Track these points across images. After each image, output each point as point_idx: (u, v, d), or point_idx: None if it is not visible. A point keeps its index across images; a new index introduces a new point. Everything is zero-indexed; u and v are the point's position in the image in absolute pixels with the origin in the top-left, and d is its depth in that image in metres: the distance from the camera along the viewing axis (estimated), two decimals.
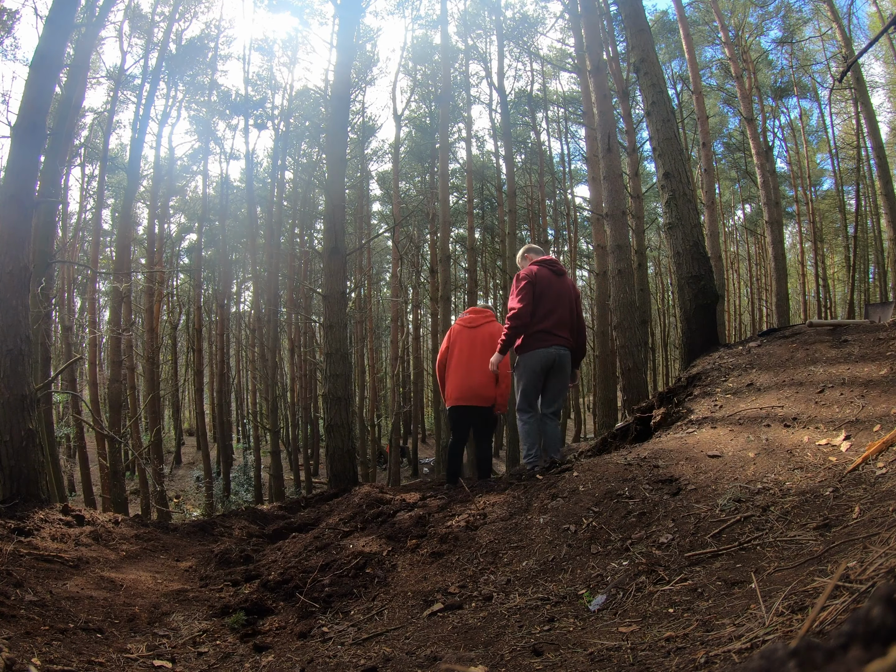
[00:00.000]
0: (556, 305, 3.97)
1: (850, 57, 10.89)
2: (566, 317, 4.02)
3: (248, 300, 26.28)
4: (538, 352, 3.92)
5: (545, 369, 3.96)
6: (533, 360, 3.93)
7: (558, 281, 4.05)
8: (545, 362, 3.93)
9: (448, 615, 2.13)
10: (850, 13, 15.14)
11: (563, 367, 4.01)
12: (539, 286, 3.95)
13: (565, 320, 4.01)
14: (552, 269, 4.08)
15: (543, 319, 3.93)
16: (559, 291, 4.01)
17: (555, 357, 3.93)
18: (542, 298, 3.94)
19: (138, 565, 3.29)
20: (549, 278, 4.01)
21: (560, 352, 3.95)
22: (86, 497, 13.60)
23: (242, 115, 16.73)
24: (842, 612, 1.25)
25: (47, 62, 4.52)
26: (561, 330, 3.97)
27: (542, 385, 4.04)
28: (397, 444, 18.71)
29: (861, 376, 3.23)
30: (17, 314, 4.11)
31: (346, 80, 7.26)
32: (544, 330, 3.92)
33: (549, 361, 3.93)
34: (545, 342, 3.91)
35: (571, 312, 4.07)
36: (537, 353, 3.92)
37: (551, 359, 3.92)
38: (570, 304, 4.06)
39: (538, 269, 4.03)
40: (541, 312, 3.94)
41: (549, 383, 4.04)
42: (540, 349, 3.92)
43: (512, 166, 16.73)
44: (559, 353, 3.94)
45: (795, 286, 22.98)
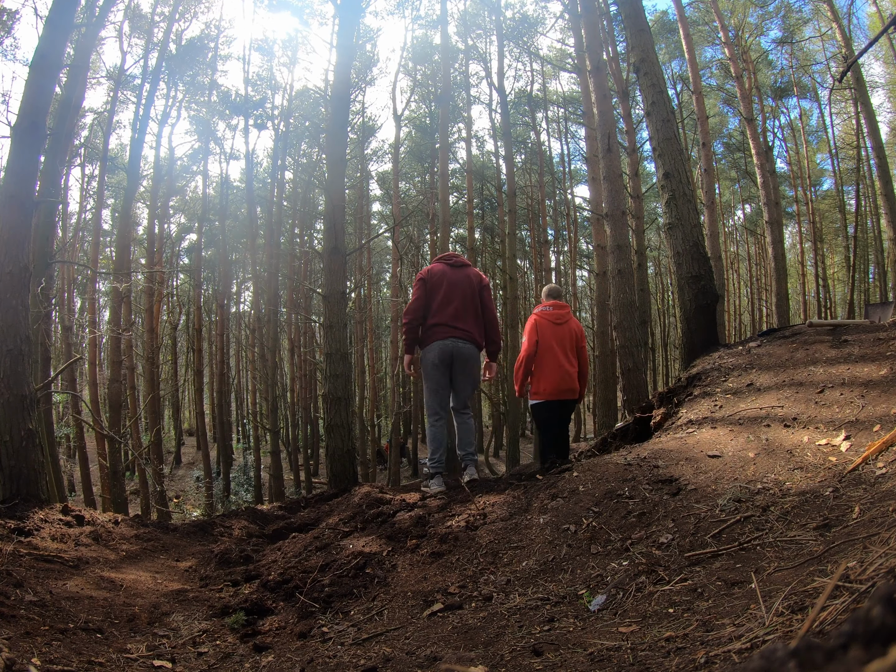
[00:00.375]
0: (452, 297, 3.87)
1: (850, 57, 10.89)
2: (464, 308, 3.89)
3: (248, 300, 26.31)
4: (434, 345, 3.85)
5: (444, 362, 3.85)
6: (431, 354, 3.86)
7: (455, 273, 3.94)
8: (443, 355, 3.83)
9: (448, 615, 2.13)
10: (850, 13, 15.16)
11: (465, 360, 3.88)
12: (431, 281, 3.88)
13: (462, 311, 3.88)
14: (448, 262, 4.01)
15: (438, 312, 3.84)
16: (455, 282, 3.90)
17: (451, 349, 3.83)
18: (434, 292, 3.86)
19: (138, 565, 3.29)
20: (444, 271, 3.92)
21: (458, 344, 3.84)
22: (86, 497, 13.60)
23: (242, 115, 16.72)
24: (842, 612, 1.25)
25: (47, 62, 4.52)
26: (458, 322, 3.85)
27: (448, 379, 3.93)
28: (397, 444, 18.71)
29: (861, 376, 3.23)
30: (17, 314, 4.11)
31: (346, 80, 7.26)
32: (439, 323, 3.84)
33: (447, 354, 3.83)
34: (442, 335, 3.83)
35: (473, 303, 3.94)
36: (434, 346, 3.85)
37: (448, 351, 3.83)
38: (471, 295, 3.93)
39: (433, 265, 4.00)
40: (435, 306, 3.85)
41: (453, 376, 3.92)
42: (437, 342, 3.84)
43: (512, 166, 16.73)
44: (456, 346, 3.83)
45: (795, 286, 22.98)
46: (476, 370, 4.00)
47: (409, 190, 23.55)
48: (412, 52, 18.73)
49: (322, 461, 19.69)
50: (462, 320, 3.85)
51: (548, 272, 23.12)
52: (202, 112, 17.18)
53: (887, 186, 11.47)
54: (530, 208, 23.04)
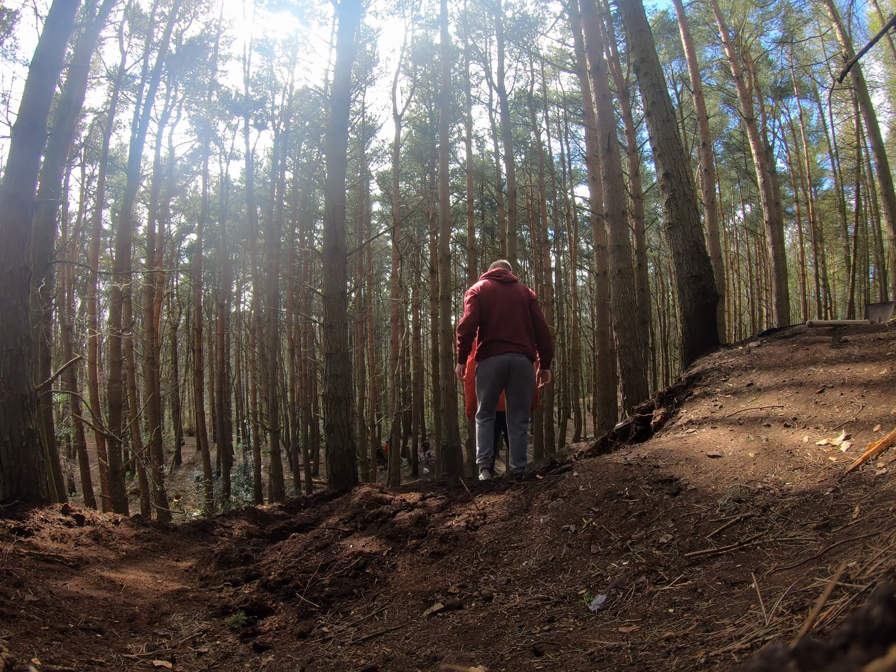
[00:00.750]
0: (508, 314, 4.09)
1: (850, 57, 10.89)
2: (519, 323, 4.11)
3: (248, 300, 26.31)
4: (492, 359, 4.06)
5: (500, 376, 4.08)
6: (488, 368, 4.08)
7: (506, 289, 4.16)
8: (499, 369, 4.06)
9: (448, 615, 2.13)
10: (850, 13, 15.17)
11: (521, 373, 4.10)
12: (483, 298, 4.09)
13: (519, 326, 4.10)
14: (498, 279, 4.20)
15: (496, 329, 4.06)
16: (509, 299, 4.12)
17: (508, 363, 4.04)
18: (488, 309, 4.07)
19: (138, 565, 3.29)
20: (495, 288, 4.13)
21: (514, 358, 4.05)
22: (86, 497, 13.60)
23: (242, 116, 16.72)
24: (842, 612, 1.25)
25: (47, 62, 4.52)
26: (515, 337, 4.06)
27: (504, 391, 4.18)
28: (396, 444, 18.71)
29: (861, 376, 3.23)
30: (17, 314, 4.11)
31: (346, 80, 7.26)
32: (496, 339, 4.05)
33: (503, 368, 4.05)
34: (497, 350, 4.04)
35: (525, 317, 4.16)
36: (492, 361, 4.06)
37: (504, 366, 4.05)
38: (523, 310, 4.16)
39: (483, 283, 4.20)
40: (492, 323, 4.07)
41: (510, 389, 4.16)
42: (493, 357, 4.06)
43: (512, 166, 16.73)
44: (512, 360, 4.05)
45: (795, 286, 22.97)
46: (531, 380, 4.20)
47: (409, 190, 23.55)
48: (412, 52, 18.73)
49: (322, 461, 19.69)
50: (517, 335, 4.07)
51: (548, 272, 23.12)
52: (202, 112, 17.18)
53: (887, 186, 11.47)
54: (530, 208, 23.03)
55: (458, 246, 21.93)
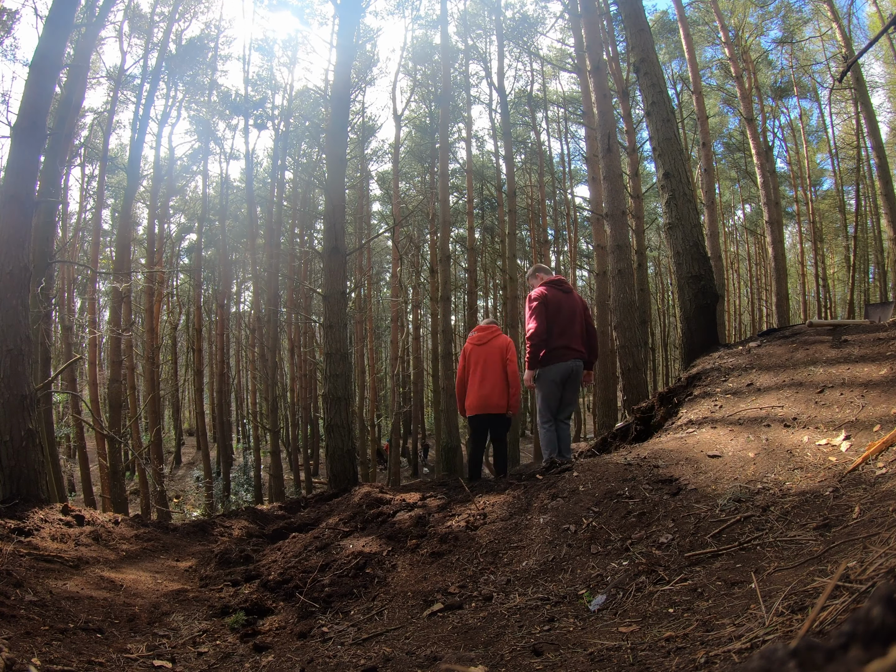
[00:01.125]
0: (569, 322, 4.40)
1: (850, 57, 10.89)
2: (578, 330, 4.46)
3: (248, 300, 26.29)
4: (558, 365, 4.35)
5: (563, 380, 4.40)
6: (553, 373, 4.36)
7: (567, 298, 4.47)
8: (564, 374, 4.38)
9: (448, 615, 2.13)
10: (850, 13, 15.16)
11: (578, 377, 4.50)
12: (550, 306, 4.36)
13: (578, 333, 4.45)
14: (560, 288, 4.49)
15: (560, 336, 4.35)
16: (570, 308, 4.44)
17: (572, 368, 4.39)
18: (555, 317, 4.36)
19: (138, 565, 3.29)
20: (559, 297, 4.42)
21: (576, 364, 4.41)
22: (86, 497, 13.59)
23: (242, 116, 16.70)
24: (842, 612, 1.25)
25: (47, 62, 4.52)
26: (576, 343, 4.41)
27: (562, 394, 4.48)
28: (396, 444, 18.71)
29: (861, 377, 3.23)
30: (17, 314, 4.11)
31: (346, 80, 7.26)
32: (562, 346, 4.35)
33: (567, 373, 4.38)
34: (563, 357, 4.35)
35: (581, 324, 4.51)
36: (557, 367, 4.35)
37: (568, 371, 4.38)
38: (581, 318, 4.51)
39: (548, 290, 4.43)
40: (556, 330, 4.35)
41: (566, 391, 4.49)
42: (560, 363, 4.35)
43: (512, 166, 16.72)
44: (575, 366, 4.40)
45: (795, 286, 22.96)
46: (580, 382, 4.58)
47: (409, 190, 23.53)
48: (412, 52, 18.71)
49: (322, 461, 19.69)
50: (578, 342, 4.44)
51: None
52: (202, 112, 17.17)
53: (887, 186, 11.46)
54: (530, 208, 23.03)
55: (458, 246, 21.92)
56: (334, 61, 10.61)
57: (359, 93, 17.96)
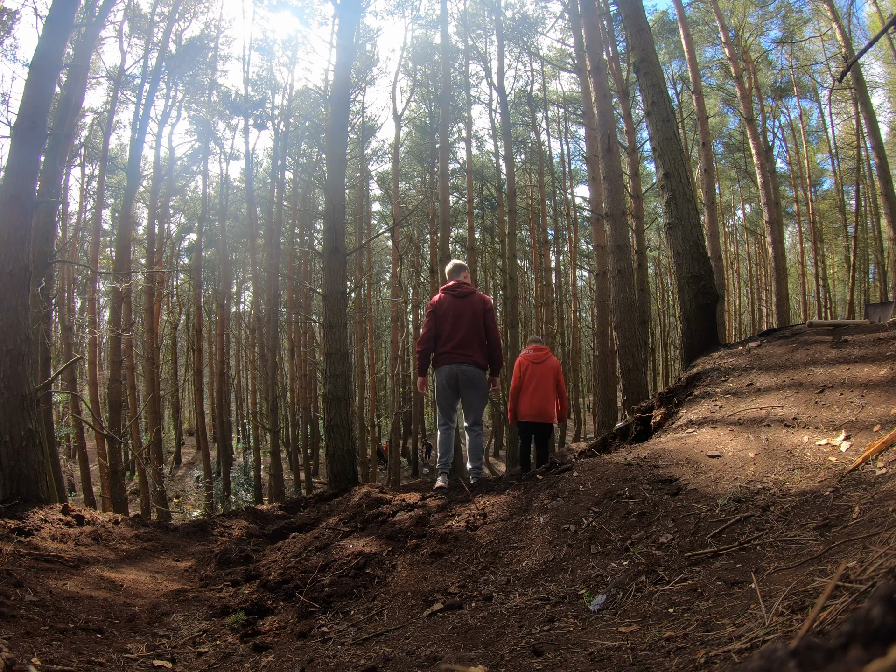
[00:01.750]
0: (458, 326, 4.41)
1: (850, 57, 10.89)
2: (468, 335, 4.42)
3: (248, 300, 26.30)
4: (443, 369, 4.42)
5: (451, 383, 4.42)
6: (441, 376, 4.44)
7: (459, 303, 4.46)
8: (450, 377, 4.40)
9: (448, 615, 2.13)
10: (850, 13, 15.16)
11: (469, 380, 4.41)
12: (439, 312, 4.44)
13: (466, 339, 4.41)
14: (453, 293, 4.50)
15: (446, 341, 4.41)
16: (460, 312, 4.43)
17: (457, 373, 4.38)
18: (443, 322, 4.42)
19: (138, 565, 3.29)
20: (450, 303, 4.45)
21: (462, 367, 4.38)
22: (86, 497, 13.59)
23: (242, 116, 16.71)
24: (842, 612, 1.25)
25: (47, 62, 4.52)
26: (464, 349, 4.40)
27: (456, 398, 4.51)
28: (396, 444, 18.70)
29: (861, 377, 3.23)
30: (17, 314, 4.11)
31: (346, 80, 7.26)
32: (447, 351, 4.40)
33: (453, 377, 4.39)
34: (448, 360, 4.39)
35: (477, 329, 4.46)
36: (442, 371, 4.43)
37: (454, 374, 4.39)
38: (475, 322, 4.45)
39: (440, 297, 4.52)
40: (444, 335, 4.42)
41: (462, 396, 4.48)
42: (444, 366, 4.41)
43: (512, 166, 16.72)
44: (461, 369, 4.38)
45: (795, 286, 22.96)
46: (482, 386, 4.52)
47: (409, 190, 23.53)
48: (412, 52, 18.71)
49: (322, 461, 19.69)
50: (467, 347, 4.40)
51: (548, 272, 23.13)
52: (202, 112, 17.17)
53: (887, 186, 11.46)
54: (530, 208, 23.03)
55: (458, 246, 21.92)
56: (334, 61, 10.61)
57: (359, 93, 17.96)
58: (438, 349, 4.43)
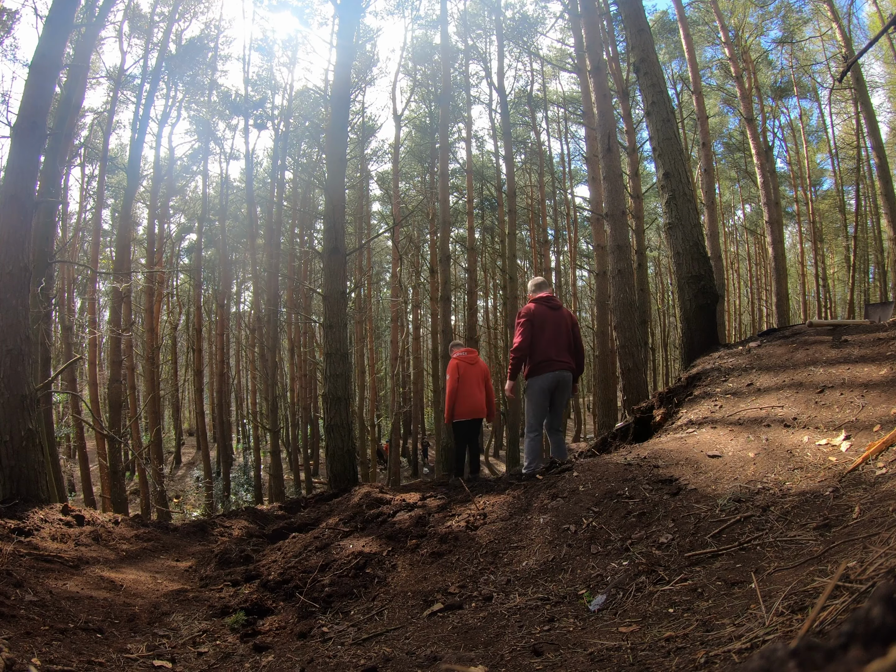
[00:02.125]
0: (555, 336, 4.69)
1: (850, 57, 10.89)
2: (565, 343, 4.74)
3: (248, 300, 26.29)
4: (546, 375, 4.66)
5: (551, 389, 4.70)
6: (540, 382, 4.67)
7: (554, 314, 4.75)
8: (551, 383, 4.67)
9: (448, 615, 2.13)
10: (850, 13, 15.14)
11: (567, 386, 4.78)
12: (536, 321, 4.68)
13: (564, 346, 4.73)
14: (548, 304, 4.77)
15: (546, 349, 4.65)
16: (557, 322, 4.73)
17: (559, 378, 4.68)
18: (542, 331, 4.68)
19: (138, 565, 3.29)
20: (545, 314, 4.71)
21: (563, 374, 4.70)
22: (86, 497, 13.59)
23: (242, 116, 16.69)
24: (842, 612, 1.25)
25: (47, 62, 4.52)
26: (562, 356, 4.69)
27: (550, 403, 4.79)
28: (396, 444, 18.70)
29: (861, 377, 3.23)
30: (17, 314, 4.11)
31: (346, 80, 7.26)
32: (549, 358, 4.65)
33: (554, 382, 4.68)
34: (550, 367, 4.65)
35: (569, 339, 4.80)
36: (545, 377, 4.66)
37: (556, 380, 4.68)
38: (568, 332, 4.79)
39: (535, 308, 4.74)
40: (542, 343, 4.66)
41: (555, 400, 4.80)
42: (547, 373, 4.65)
43: (512, 166, 16.72)
44: (563, 375, 4.69)
45: (795, 286, 22.95)
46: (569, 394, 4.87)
47: (409, 190, 23.52)
48: (412, 52, 18.71)
49: (322, 461, 19.68)
50: (565, 354, 4.73)
51: (548, 272, 23.11)
52: (202, 112, 17.16)
53: (887, 186, 11.46)
54: (530, 208, 23.03)
55: (458, 246, 21.91)
56: (334, 61, 10.61)
57: (359, 93, 17.95)
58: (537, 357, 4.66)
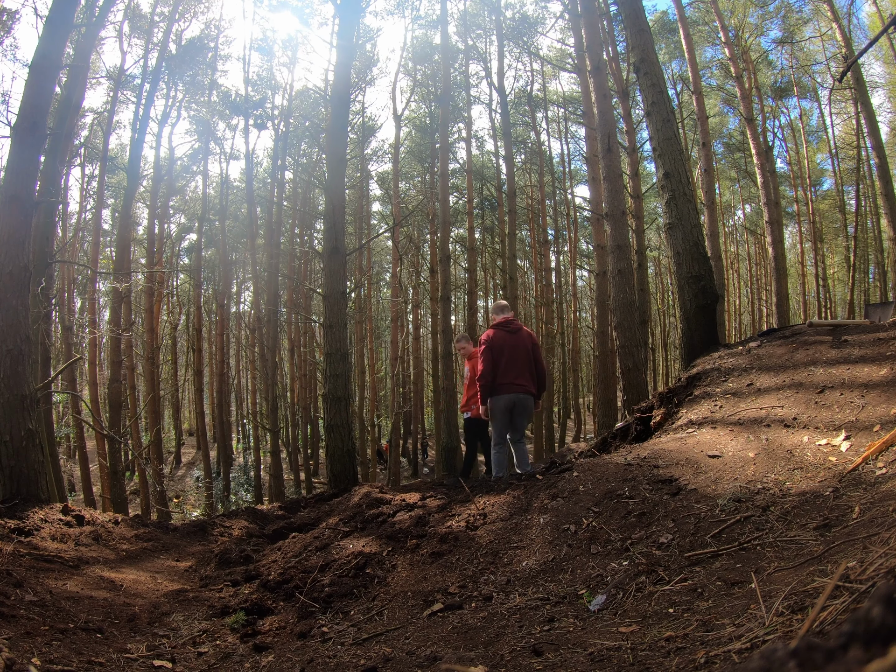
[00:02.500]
0: (513, 359, 4.93)
1: (850, 57, 10.89)
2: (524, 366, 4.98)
3: (248, 300, 26.29)
4: (503, 397, 4.95)
5: (508, 409, 5.00)
6: (500, 403, 4.96)
7: (512, 338, 4.98)
8: (508, 404, 4.97)
9: (448, 615, 2.13)
10: (850, 13, 15.14)
11: (524, 408, 5.02)
12: (495, 348, 4.92)
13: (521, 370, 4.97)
14: (506, 329, 5.02)
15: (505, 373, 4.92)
16: (515, 346, 4.97)
17: (514, 400, 4.97)
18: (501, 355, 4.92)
19: (138, 565, 3.29)
20: (504, 339, 4.96)
21: (520, 397, 4.96)
22: (86, 497, 13.59)
23: (242, 116, 16.69)
24: (842, 612, 1.25)
25: (47, 62, 4.52)
26: (519, 378, 4.94)
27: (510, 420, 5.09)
28: (396, 444, 18.70)
29: (861, 377, 3.23)
30: (17, 314, 4.11)
31: (346, 80, 7.26)
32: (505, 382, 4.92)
33: (511, 403, 4.97)
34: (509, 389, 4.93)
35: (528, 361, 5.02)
36: (502, 399, 4.95)
37: (512, 401, 4.97)
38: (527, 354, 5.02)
39: (493, 334, 5.00)
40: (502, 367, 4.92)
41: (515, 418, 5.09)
42: (505, 395, 4.93)
43: (512, 166, 16.71)
44: (519, 398, 4.97)
45: (795, 286, 22.94)
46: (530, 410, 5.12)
47: (409, 190, 23.51)
48: (412, 52, 18.70)
49: (322, 461, 19.68)
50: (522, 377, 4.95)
51: (548, 272, 23.12)
52: (202, 112, 17.16)
53: (887, 186, 11.46)
54: (530, 208, 23.02)
55: (458, 246, 21.90)
56: (334, 61, 10.60)
57: (359, 93, 17.95)
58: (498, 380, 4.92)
